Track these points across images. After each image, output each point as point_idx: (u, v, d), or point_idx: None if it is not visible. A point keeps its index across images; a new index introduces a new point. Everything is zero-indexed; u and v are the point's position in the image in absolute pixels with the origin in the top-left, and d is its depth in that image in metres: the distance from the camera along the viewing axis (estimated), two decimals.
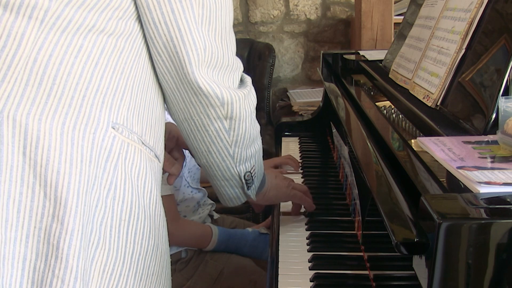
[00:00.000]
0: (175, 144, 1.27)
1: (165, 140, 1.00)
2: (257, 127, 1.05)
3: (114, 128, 0.84)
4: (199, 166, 1.09)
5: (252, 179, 1.09)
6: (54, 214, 0.79)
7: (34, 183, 0.79)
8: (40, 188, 0.79)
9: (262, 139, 1.11)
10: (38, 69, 0.79)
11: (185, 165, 1.62)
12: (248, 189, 1.10)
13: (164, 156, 1.01)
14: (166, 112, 1.01)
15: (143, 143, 0.89)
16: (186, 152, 1.35)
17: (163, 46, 0.86)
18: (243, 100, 0.95)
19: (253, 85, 1.02)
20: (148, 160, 0.90)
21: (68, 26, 0.80)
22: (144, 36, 0.87)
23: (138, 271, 0.88)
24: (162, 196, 0.96)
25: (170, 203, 1.50)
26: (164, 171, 1.23)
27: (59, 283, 0.79)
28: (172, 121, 1.28)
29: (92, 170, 0.82)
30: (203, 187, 1.79)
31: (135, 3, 0.84)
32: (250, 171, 1.08)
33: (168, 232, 0.99)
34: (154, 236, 0.91)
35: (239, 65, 0.96)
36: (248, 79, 1.01)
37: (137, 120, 0.88)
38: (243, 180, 1.07)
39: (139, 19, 0.86)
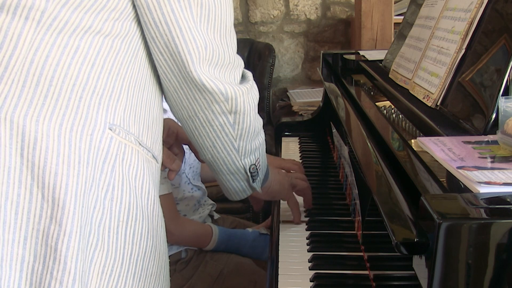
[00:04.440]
0: (175, 140, 1.28)
1: (164, 136, 1.00)
2: (260, 120, 1.06)
3: (111, 129, 0.84)
4: (203, 162, 1.09)
5: (257, 172, 1.11)
6: (52, 215, 0.79)
7: (32, 184, 0.79)
8: (38, 190, 0.79)
9: None
10: (35, 70, 0.79)
11: (185, 161, 1.62)
12: (253, 181, 1.11)
13: (164, 152, 1.01)
14: (165, 108, 1.01)
15: (140, 144, 0.89)
16: (186, 148, 1.35)
17: (164, 45, 0.86)
18: (246, 94, 0.96)
19: None
20: (145, 161, 0.90)
21: (65, 27, 0.80)
22: (141, 36, 0.88)
23: (136, 272, 0.88)
24: (160, 196, 0.96)
25: (168, 202, 1.50)
26: (164, 167, 1.24)
27: (58, 285, 0.78)
28: (171, 117, 1.28)
29: (90, 171, 0.82)
30: (206, 187, 1.79)
31: (133, 4, 0.84)
32: (255, 164, 1.09)
33: (167, 231, 0.99)
34: (152, 237, 0.91)
35: (240, 62, 0.97)
36: (249, 74, 1.02)
37: (134, 121, 0.88)
38: (249, 173, 1.08)
39: (136, 19, 0.86)
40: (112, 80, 0.84)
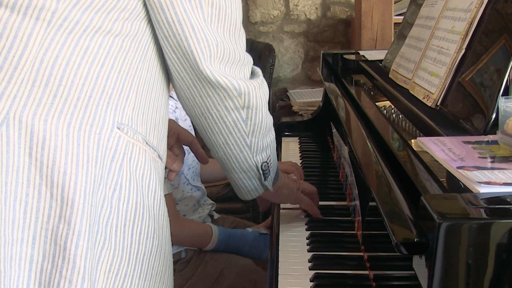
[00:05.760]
0: (176, 141, 1.28)
1: None
2: (270, 117, 1.07)
3: (119, 129, 0.85)
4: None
5: (269, 170, 1.11)
6: (61, 215, 0.79)
7: (41, 184, 0.79)
8: (47, 189, 0.79)
9: None
10: (45, 70, 0.79)
11: (184, 162, 1.62)
12: (265, 179, 1.11)
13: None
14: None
15: (147, 143, 0.89)
16: (185, 149, 1.35)
17: (177, 44, 0.87)
18: (258, 89, 0.98)
19: None
20: (152, 160, 0.90)
21: (75, 27, 0.80)
22: (151, 36, 0.88)
23: (142, 271, 0.89)
24: None
25: (168, 202, 1.50)
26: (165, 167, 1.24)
27: (67, 284, 0.79)
28: (171, 117, 1.28)
29: (98, 170, 0.82)
30: (206, 187, 1.79)
31: (143, 4, 0.85)
32: (266, 161, 1.09)
33: None
34: (158, 236, 0.91)
35: (249, 59, 0.98)
36: (258, 70, 1.03)
37: (142, 120, 0.88)
38: (260, 171, 1.09)
39: (145, 19, 0.87)
40: (121, 80, 0.85)
